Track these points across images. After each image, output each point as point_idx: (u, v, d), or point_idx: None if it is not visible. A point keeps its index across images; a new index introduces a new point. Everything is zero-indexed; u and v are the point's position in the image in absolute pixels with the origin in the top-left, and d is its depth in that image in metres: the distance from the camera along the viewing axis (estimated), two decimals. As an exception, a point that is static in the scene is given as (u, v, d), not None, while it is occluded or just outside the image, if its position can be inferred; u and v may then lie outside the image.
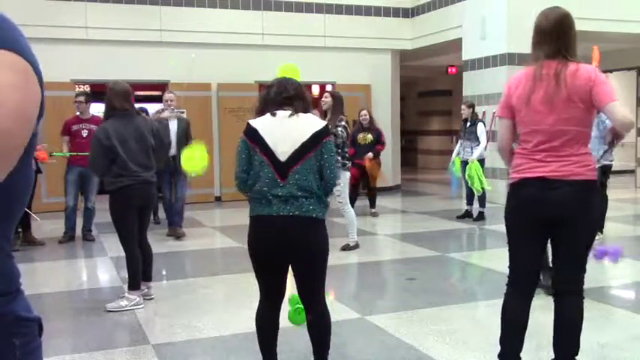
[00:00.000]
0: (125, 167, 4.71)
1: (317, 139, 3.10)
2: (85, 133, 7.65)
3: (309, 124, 3.15)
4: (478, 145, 8.67)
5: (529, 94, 2.93)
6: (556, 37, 2.93)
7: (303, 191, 3.06)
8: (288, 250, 3.11)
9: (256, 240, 3.14)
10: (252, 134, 3.10)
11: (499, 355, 3.23)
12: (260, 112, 3.20)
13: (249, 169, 3.11)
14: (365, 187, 9.63)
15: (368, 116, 9.33)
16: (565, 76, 2.90)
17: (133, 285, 4.86)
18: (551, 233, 3.05)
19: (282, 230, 3.05)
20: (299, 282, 3.22)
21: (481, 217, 8.76)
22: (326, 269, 3.21)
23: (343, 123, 6.65)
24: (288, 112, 3.13)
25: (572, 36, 2.96)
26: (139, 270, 4.88)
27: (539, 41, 2.96)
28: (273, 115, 3.12)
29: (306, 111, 3.19)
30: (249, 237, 3.17)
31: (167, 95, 8.03)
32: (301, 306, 3.34)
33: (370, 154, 9.08)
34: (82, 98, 7.74)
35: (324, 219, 3.16)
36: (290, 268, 3.19)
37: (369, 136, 9.15)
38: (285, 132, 3.08)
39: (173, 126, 7.84)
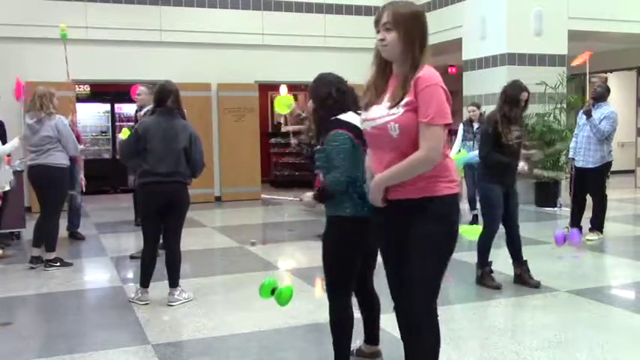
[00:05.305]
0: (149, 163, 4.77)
1: None
2: None
3: None
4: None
5: None
6: None
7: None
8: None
9: (359, 242, 3.15)
10: (356, 130, 3.05)
11: None
12: (335, 110, 3.20)
13: None
14: None
15: None
16: None
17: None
18: None
19: (369, 232, 3.06)
20: (365, 277, 3.40)
21: (476, 220, 8.35)
22: None
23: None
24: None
25: None
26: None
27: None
28: (359, 114, 3.07)
29: None
30: (348, 237, 3.16)
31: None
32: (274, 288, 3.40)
33: None
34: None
35: None
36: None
37: None
38: None
39: None
